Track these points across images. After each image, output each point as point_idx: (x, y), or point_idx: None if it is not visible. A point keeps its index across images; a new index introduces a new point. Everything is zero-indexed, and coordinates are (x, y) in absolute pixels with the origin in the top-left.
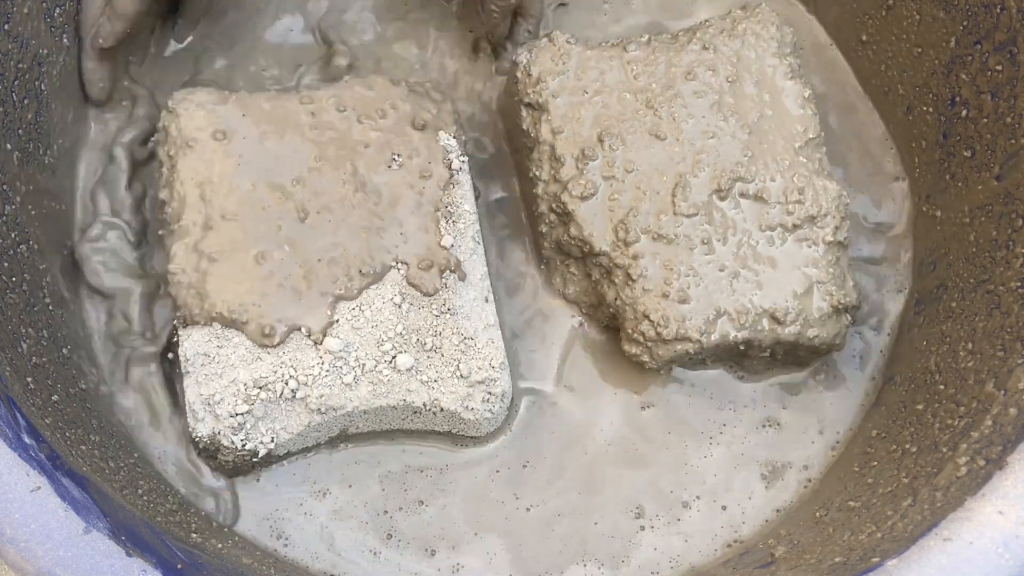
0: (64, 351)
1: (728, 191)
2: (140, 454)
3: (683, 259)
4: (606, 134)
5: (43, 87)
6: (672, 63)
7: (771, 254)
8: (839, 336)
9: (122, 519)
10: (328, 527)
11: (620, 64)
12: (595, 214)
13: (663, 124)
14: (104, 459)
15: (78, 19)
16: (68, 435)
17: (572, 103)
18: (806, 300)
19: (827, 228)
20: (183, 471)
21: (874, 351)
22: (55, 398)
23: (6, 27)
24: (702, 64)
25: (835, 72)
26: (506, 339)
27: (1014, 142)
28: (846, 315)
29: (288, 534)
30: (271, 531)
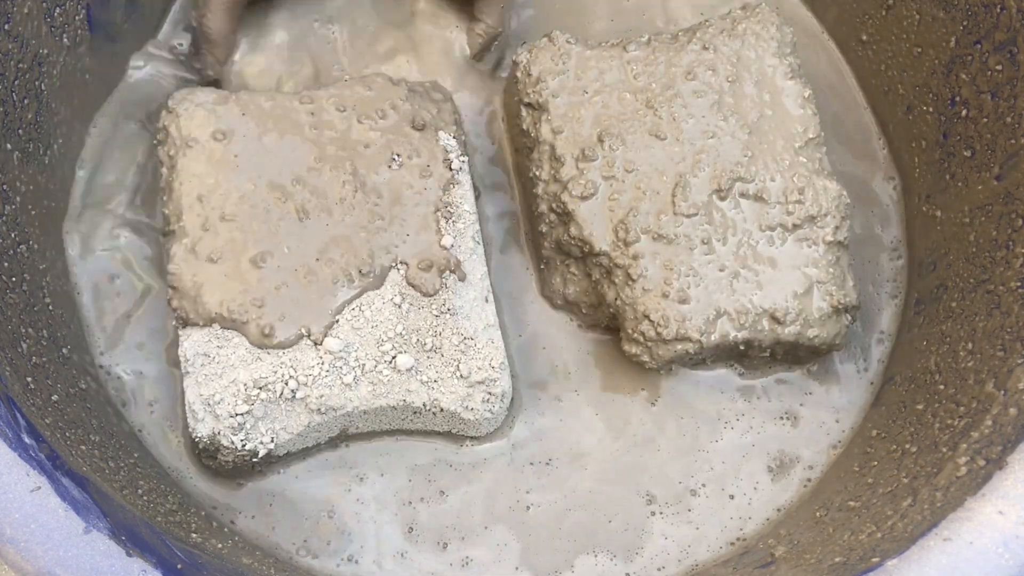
0: (64, 351)
1: (728, 191)
2: (140, 454)
3: (683, 259)
4: (606, 134)
5: (43, 87)
6: (672, 63)
7: (771, 254)
8: (839, 336)
9: (122, 519)
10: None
11: (620, 64)
12: (595, 214)
13: (663, 124)
14: (104, 459)
15: None
16: (68, 435)
17: (572, 103)
18: (806, 300)
19: (827, 228)
20: (183, 471)
21: (874, 351)
22: (55, 398)
23: (6, 27)
24: (702, 64)
25: (835, 72)
26: (506, 339)
27: (1014, 142)
28: (846, 315)
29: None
30: (270, 530)
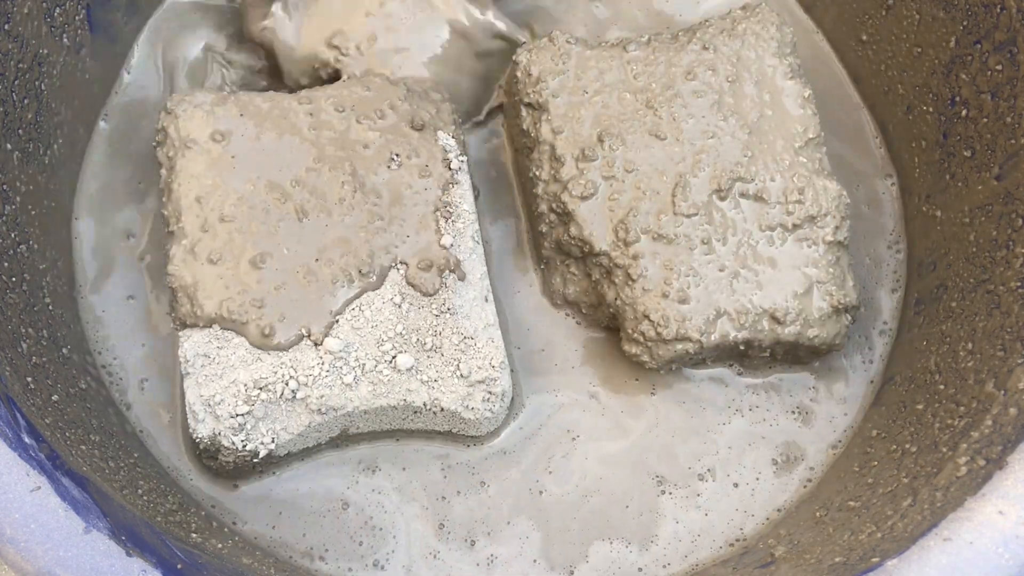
0: (64, 351)
1: (728, 191)
2: (140, 454)
3: (683, 259)
4: (606, 134)
5: (43, 87)
6: (672, 63)
7: (771, 254)
8: (839, 336)
9: (122, 519)
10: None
11: (620, 64)
12: (595, 214)
13: (663, 124)
14: (104, 459)
15: None
16: (68, 435)
17: (572, 103)
18: (806, 300)
19: (827, 228)
20: (183, 471)
21: (874, 351)
22: (55, 398)
23: (6, 27)
24: (702, 64)
25: (835, 72)
26: (506, 338)
27: (1014, 142)
28: (846, 315)
29: (285, 530)
30: (271, 530)
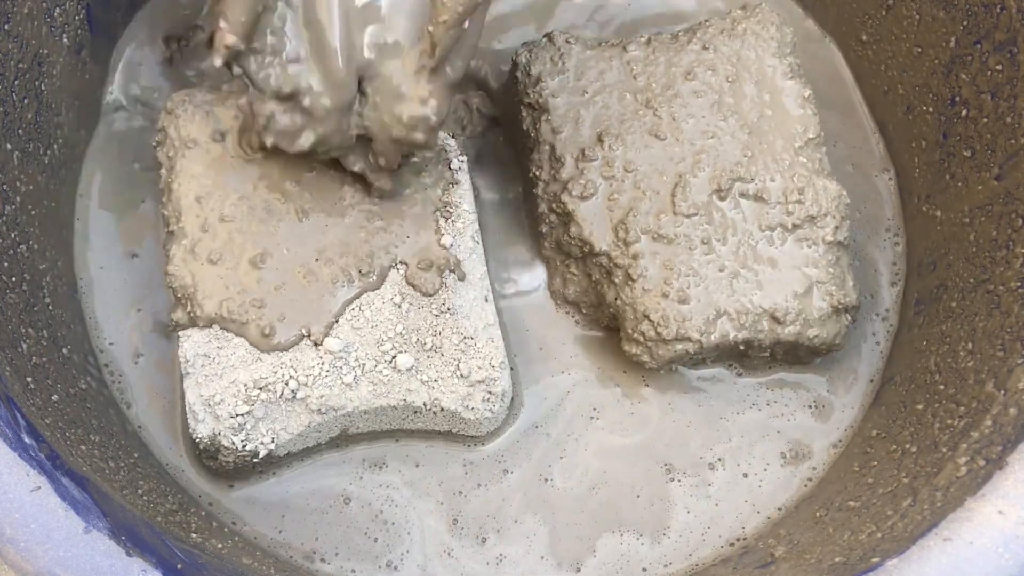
0: (64, 351)
1: (728, 191)
2: (140, 454)
3: (683, 259)
4: (606, 134)
5: (43, 87)
6: (672, 63)
7: (771, 254)
8: (839, 336)
9: (122, 519)
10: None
11: (620, 64)
12: (595, 214)
13: (663, 124)
14: (104, 459)
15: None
16: (68, 435)
17: (572, 103)
18: (806, 300)
19: (827, 228)
20: (183, 471)
21: (874, 351)
22: (55, 398)
23: (6, 27)
24: (702, 64)
25: (835, 72)
26: (506, 338)
27: (1014, 142)
28: (846, 315)
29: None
30: (271, 530)
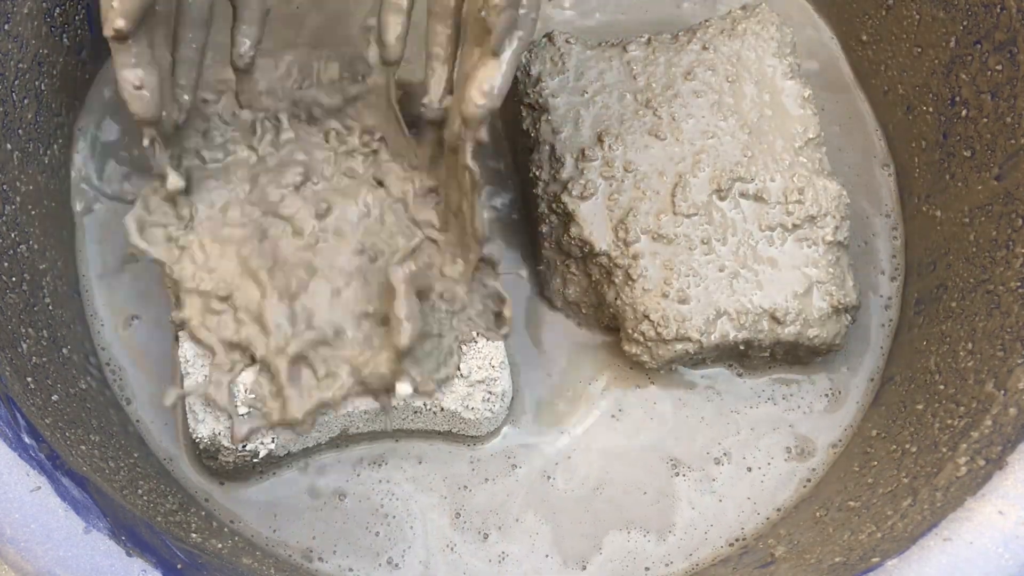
0: (64, 351)
1: (728, 191)
2: (140, 454)
3: (683, 259)
4: (606, 134)
5: (43, 87)
6: (672, 63)
7: (771, 254)
8: (839, 336)
9: (122, 519)
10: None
11: (620, 64)
12: (595, 214)
13: (663, 124)
14: (104, 459)
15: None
16: (68, 435)
17: (572, 103)
18: (806, 300)
19: (827, 228)
20: (184, 472)
21: (874, 351)
22: (55, 398)
23: (6, 27)
24: (702, 64)
25: (835, 72)
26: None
27: (1014, 142)
28: (846, 315)
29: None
30: (271, 530)
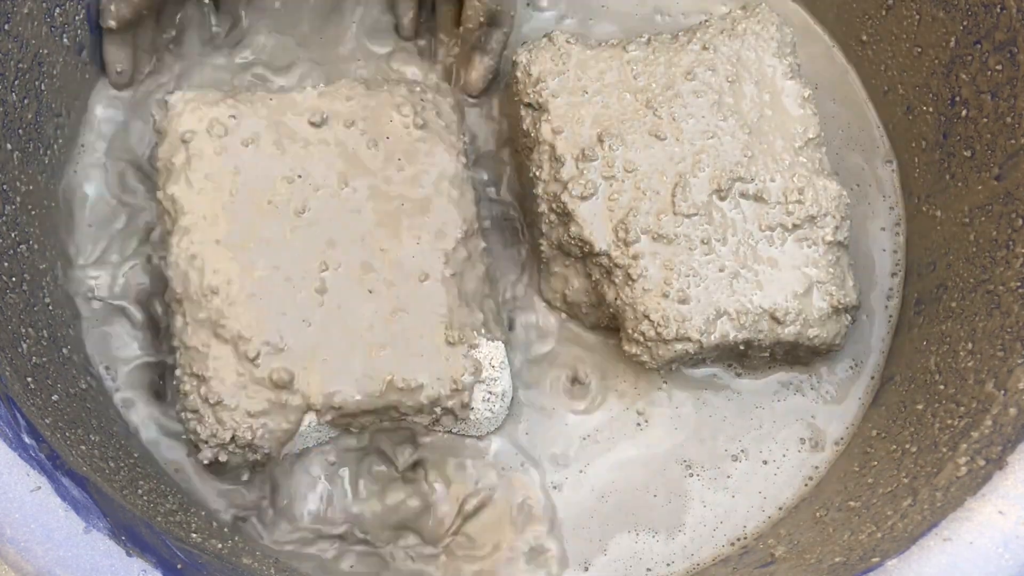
0: (64, 351)
1: (728, 191)
2: (140, 454)
3: (683, 259)
4: (606, 134)
5: (43, 87)
6: (672, 63)
7: (771, 254)
8: (839, 336)
9: (122, 519)
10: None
11: (620, 64)
12: (595, 214)
13: (663, 124)
14: (104, 459)
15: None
16: (68, 435)
17: (572, 103)
18: (806, 300)
19: (827, 228)
20: (183, 471)
21: (874, 351)
22: (55, 398)
23: (6, 27)
24: (702, 64)
25: (835, 72)
26: (506, 338)
27: (1014, 142)
28: (846, 315)
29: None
30: (271, 530)
